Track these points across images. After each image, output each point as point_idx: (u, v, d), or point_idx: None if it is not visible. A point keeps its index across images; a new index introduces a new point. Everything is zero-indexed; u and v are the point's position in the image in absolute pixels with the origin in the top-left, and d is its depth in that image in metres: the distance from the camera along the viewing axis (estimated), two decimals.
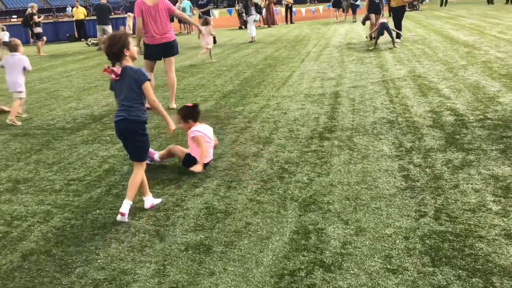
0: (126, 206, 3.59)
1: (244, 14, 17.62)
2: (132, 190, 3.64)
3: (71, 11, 23.28)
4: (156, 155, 4.78)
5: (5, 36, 14.45)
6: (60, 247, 3.27)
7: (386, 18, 13.61)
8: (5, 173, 4.84)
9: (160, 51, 7.06)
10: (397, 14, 13.38)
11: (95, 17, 18.98)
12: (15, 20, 55.34)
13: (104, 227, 3.52)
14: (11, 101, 8.09)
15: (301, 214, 3.51)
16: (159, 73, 9.60)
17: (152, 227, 3.47)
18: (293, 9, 27.45)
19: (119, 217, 3.57)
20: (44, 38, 17.35)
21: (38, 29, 16.63)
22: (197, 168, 4.32)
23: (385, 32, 12.31)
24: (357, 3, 23.47)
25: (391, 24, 12.87)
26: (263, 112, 6.65)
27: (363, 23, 15.88)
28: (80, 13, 22.37)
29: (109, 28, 18.27)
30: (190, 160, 4.50)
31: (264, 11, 25.39)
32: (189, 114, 4.72)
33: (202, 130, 4.63)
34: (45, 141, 5.89)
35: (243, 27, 24.70)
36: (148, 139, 3.74)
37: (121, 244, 3.25)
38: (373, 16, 14.28)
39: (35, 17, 16.45)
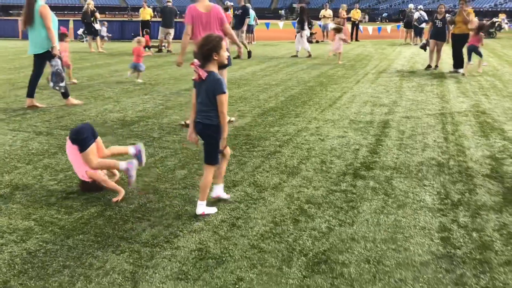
0: (200, 207, 3.71)
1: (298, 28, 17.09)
2: (203, 192, 3.72)
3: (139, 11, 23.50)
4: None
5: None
6: (21, 278, 2.83)
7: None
8: (9, 176, 4.54)
9: None
10: (459, 43, 12.28)
11: (160, 19, 19.08)
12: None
13: (79, 258, 3.06)
14: (45, 98, 8.01)
15: (306, 276, 2.89)
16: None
17: (130, 267, 2.97)
18: (360, 26, 26.58)
19: (199, 212, 3.71)
20: (104, 36, 17.70)
21: (98, 26, 16.89)
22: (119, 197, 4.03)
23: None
24: (422, 25, 22.14)
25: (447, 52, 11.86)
26: (298, 136, 6.05)
27: (423, 49, 14.13)
28: (146, 13, 22.62)
29: (172, 31, 18.30)
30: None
31: (329, 26, 24.77)
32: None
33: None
34: (64, 144, 5.58)
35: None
36: (218, 144, 3.68)
37: (87, 285, 2.78)
38: (433, 42, 12.97)
39: (96, 14, 16.73)
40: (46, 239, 3.31)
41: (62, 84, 7.59)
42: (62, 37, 9.90)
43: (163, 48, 17.98)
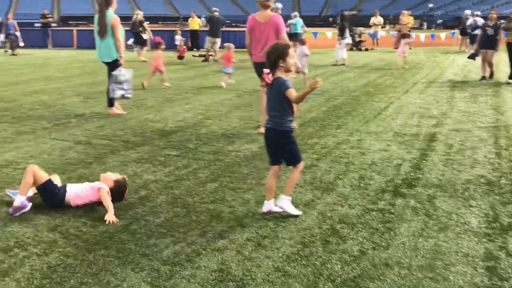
0: (283, 200, 3.83)
1: (340, 36, 16.79)
2: (289, 187, 3.85)
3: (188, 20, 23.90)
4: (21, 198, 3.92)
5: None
6: None
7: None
8: None
9: (260, 70, 6.55)
10: None
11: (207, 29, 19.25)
12: (147, 25, 59.46)
13: (97, 275, 2.98)
14: (89, 107, 8.14)
15: None
16: (247, 91, 9.13)
17: (147, 287, 2.86)
18: (412, 34, 25.77)
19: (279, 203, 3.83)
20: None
21: (145, 36, 17.23)
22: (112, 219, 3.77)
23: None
24: (475, 32, 21.03)
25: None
26: (338, 149, 5.80)
27: (472, 58, 12.97)
28: (195, 23, 22.97)
29: (218, 41, 18.42)
30: (50, 185, 3.99)
31: (379, 34, 24.24)
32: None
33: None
34: (101, 154, 5.61)
35: (354, 48, 23.74)
36: (296, 143, 3.79)
37: None
38: (484, 52, 12.01)
39: (145, 24, 17.08)
40: (68, 253, 3.26)
41: (121, 92, 7.70)
42: (157, 45, 11.42)
43: (210, 57, 18.11)
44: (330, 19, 75.68)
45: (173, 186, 4.55)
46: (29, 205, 3.96)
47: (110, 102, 7.95)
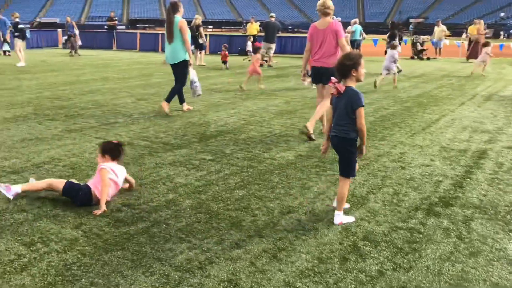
0: (337, 217, 3.84)
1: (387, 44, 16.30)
2: (340, 203, 3.85)
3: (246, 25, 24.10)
4: (18, 187, 4.23)
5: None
6: None
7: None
8: None
9: (317, 74, 6.70)
10: None
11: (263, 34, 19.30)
12: (211, 30, 60.82)
13: (108, 276, 3.01)
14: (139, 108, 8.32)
15: None
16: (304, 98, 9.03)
17: None
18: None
19: (336, 222, 3.84)
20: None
21: (201, 40, 17.52)
22: (99, 211, 3.97)
23: None
24: None
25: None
26: (377, 162, 5.59)
27: None
28: (253, 29, 23.12)
29: (273, 46, 18.45)
30: (71, 188, 4.14)
31: (441, 43, 23.35)
32: (108, 149, 4.42)
33: (113, 167, 4.29)
34: (139, 155, 5.73)
35: (415, 57, 23.00)
36: (355, 156, 3.79)
37: None
38: None
39: (201, 29, 17.37)
40: (85, 251, 3.33)
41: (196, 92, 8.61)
42: (256, 50, 12.77)
43: (264, 62, 18.15)
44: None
45: (201, 191, 4.55)
46: (11, 193, 4.15)
47: (180, 99, 8.65)
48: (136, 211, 4.06)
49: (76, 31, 22.80)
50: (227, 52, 17.28)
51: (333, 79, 3.73)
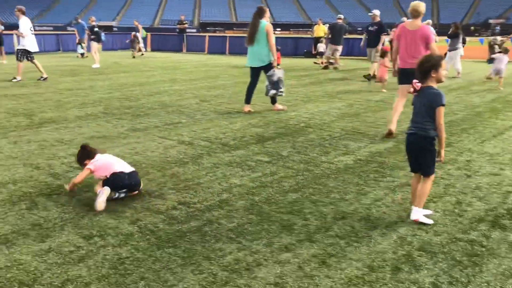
0: (415, 213, 3.85)
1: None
2: (420, 199, 3.86)
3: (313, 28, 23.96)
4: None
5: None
6: (101, 282, 2.96)
7: None
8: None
9: (404, 76, 6.75)
10: None
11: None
12: (279, 32, 61.13)
13: (158, 272, 3.09)
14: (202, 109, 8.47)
15: None
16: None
17: None
18: None
19: (413, 217, 3.85)
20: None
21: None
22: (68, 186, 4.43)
23: None
24: None
25: None
26: (441, 169, 5.32)
27: None
28: (320, 30, 22.90)
29: (340, 48, 18.18)
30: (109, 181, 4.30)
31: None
32: (81, 157, 4.58)
33: (95, 161, 4.43)
34: (198, 155, 5.84)
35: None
36: (435, 153, 3.83)
37: None
38: None
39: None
40: (139, 247, 3.43)
41: (273, 91, 8.78)
42: (384, 54, 12.31)
43: (330, 65, 17.94)
44: (472, 28, 70.55)
45: (255, 192, 4.56)
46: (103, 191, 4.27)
47: (272, 100, 9.03)
48: (190, 209, 4.14)
49: (138, 34, 23.84)
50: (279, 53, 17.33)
51: (415, 80, 3.82)
